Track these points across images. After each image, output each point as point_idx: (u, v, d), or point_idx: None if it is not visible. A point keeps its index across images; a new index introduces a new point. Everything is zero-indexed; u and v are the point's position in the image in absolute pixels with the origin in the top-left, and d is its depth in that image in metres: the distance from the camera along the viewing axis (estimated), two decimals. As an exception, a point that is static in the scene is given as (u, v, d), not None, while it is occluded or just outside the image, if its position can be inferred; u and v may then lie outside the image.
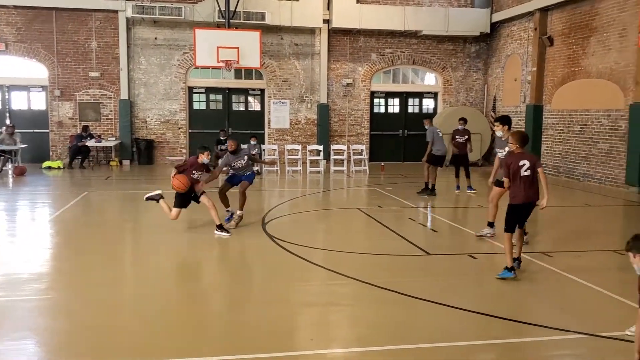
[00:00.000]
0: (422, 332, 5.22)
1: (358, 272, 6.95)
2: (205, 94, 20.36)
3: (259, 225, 9.83)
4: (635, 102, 14.07)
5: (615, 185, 14.89)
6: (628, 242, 4.34)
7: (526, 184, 6.65)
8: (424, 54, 21.21)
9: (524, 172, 6.64)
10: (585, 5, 16.10)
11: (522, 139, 6.81)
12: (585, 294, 6.40)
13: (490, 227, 9.07)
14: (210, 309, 5.96)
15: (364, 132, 21.14)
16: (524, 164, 6.64)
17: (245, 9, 18.63)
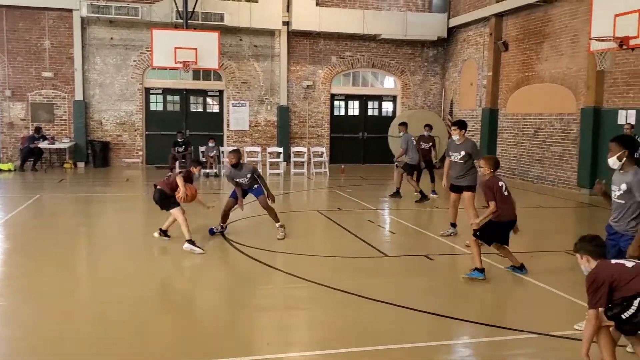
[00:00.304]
0: (378, 334, 5.25)
1: (317, 275, 6.94)
2: (162, 95, 20.08)
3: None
4: (586, 106, 14.50)
5: (568, 187, 15.31)
6: (575, 243, 4.47)
7: (509, 202, 7.03)
8: (383, 58, 21.41)
9: (505, 192, 7.01)
10: (538, 12, 16.52)
11: (496, 164, 7.29)
12: (537, 294, 6.55)
13: (453, 227, 9.35)
14: (165, 314, 5.86)
15: (324, 134, 21.19)
16: (502, 184, 7.02)
17: (203, 10, 18.46)
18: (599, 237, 4.56)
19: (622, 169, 5.31)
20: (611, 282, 4.08)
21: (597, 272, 4.21)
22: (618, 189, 5.29)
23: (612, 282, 4.09)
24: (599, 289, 4.09)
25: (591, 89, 14.30)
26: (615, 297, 4.08)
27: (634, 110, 13.16)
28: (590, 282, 4.17)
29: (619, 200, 5.31)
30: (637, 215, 5.20)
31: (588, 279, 4.22)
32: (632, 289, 4.01)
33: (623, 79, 13.61)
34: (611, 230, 5.41)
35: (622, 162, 5.26)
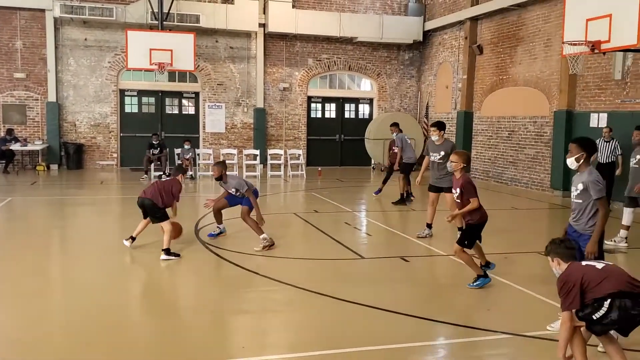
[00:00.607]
0: (355, 336, 5.26)
1: (293, 278, 6.93)
2: (137, 96, 19.88)
3: (192, 232, 9.65)
4: (559, 110, 14.72)
5: (541, 189, 15.52)
6: (546, 247, 4.54)
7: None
8: (360, 60, 21.49)
9: None
10: (512, 16, 16.74)
11: (468, 159, 6.89)
12: (510, 294, 6.62)
13: (429, 228, 9.40)
14: (139, 318, 5.80)
15: (301, 136, 21.19)
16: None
17: (179, 11, 18.33)
18: (569, 239, 4.64)
19: (578, 170, 5.49)
20: (582, 284, 4.14)
21: (568, 274, 4.27)
22: (575, 189, 5.49)
23: (582, 283, 4.14)
24: (570, 291, 4.15)
25: (564, 92, 14.53)
26: (586, 298, 4.14)
27: (605, 113, 13.40)
28: (562, 285, 4.23)
29: (577, 200, 5.50)
30: (594, 214, 5.36)
31: (559, 282, 4.28)
32: (603, 290, 4.08)
33: (595, 82, 13.86)
34: (571, 230, 5.57)
35: (579, 163, 5.43)
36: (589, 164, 5.47)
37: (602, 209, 5.33)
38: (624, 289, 4.06)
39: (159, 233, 9.14)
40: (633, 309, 4.03)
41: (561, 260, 4.41)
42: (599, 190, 5.30)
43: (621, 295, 4.04)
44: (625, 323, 4.10)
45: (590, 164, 5.50)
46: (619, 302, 4.03)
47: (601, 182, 5.35)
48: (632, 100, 12.81)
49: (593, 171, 5.41)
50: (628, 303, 4.03)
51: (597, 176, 5.37)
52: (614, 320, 4.05)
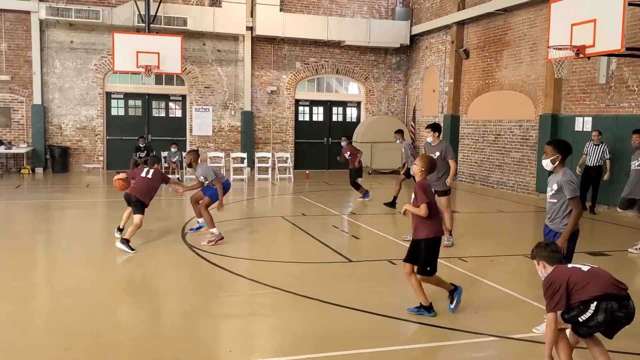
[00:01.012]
0: (342, 340, 5.25)
1: (280, 282, 6.92)
2: (124, 99, 19.77)
3: (178, 234, 9.61)
4: (544, 113, 14.84)
5: (527, 192, 15.63)
6: (532, 250, 4.59)
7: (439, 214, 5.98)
8: (347, 64, 21.54)
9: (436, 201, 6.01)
10: (498, 20, 16.86)
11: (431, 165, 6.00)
12: (497, 297, 6.66)
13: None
14: (125, 322, 5.76)
15: (289, 139, 21.18)
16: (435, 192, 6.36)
17: (166, 14, 18.26)
18: (554, 243, 4.70)
19: (553, 171, 5.62)
20: (568, 286, 4.18)
21: (554, 276, 4.30)
22: (550, 189, 5.59)
23: (568, 285, 4.18)
24: (556, 293, 4.18)
25: (549, 96, 14.65)
26: (572, 300, 4.17)
27: (590, 117, 13.53)
28: (547, 287, 4.27)
29: (551, 199, 5.61)
30: (568, 213, 5.46)
31: (545, 284, 4.31)
32: (589, 292, 4.11)
33: (580, 86, 13.99)
34: (546, 230, 5.69)
35: (555, 165, 5.55)
36: (563, 165, 5.57)
37: (575, 208, 5.42)
38: (609, 292, 4.11)
39: (146, 236, 9.12)
40: (619, 311, 4.07)
41: (547, 264, 4.45)
42: (573, 190, 5.40)
43: (607, 297, 4.08)
44: (611, 325, 4.14)
45: (565, 165, 5.60)
46: (605, 305, 4.06)
47: (575, 182, 5.45)
48: (616, 104, 12.95)
49: (567, 171, 5.52)
50: (614, 305, 4.07)
51: (571, 176, 5.48)
52: (600, 322, 4.09)
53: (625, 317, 4.11)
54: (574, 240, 5.52)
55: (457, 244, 9.28)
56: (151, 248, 8.74)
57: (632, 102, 12.54)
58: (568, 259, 5.32)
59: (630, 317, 4.14)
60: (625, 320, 4.15)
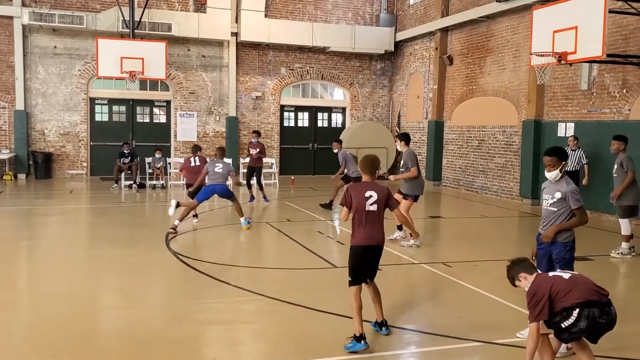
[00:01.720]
0: (326, 346, 5.25)
1: (265, 288, 6.90)
2: (108, 105, 19.65)
3: (161, 241, 9.55)
4: (527, 119, 14.98)
5: (511, 197, 15.75)
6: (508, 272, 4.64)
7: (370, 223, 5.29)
8: (332, 70, 21.60)
9: (369, 207, 5.27)
10: (481, 27, 17.02)
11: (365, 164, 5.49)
12: (481, 302, 6.69)
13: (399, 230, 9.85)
14: (109, 329, 5.71)
15: (274, 145, 21.16)
16: (369, 195, 5.27)
17: (150, 20, 18.21)
18: (523, 257, 4.74)
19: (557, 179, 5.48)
20: (551, 294, 4.22)
21: (537, 285, 4.34)
22: (551, 197, 5.42)
23: (552, 293, 4.22)
24: (539, 302, 4.22)
25: (532, 102, 14.80)
26: (555, 307, 4.21)
27: (573, 122, 13.68)
28: (532, 296, 4.30)
29: (551, 208, 5.44)
30: None
31: (529, 294, 4.34)
32: (571, 299, 4.16)
33: (562, 92, 14.15)
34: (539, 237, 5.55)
35: (562, 173, 5.40)
36: (565, 173, 5.48)
37: (581, 216, 5.32)
38: (591, 298, 4.15)
39: (130, 243, 9.08)
40: (600, 317, 4.12)
41: (527, 274, 4.49)
42: (578, 200, 5.28)
43: (589, 304, 4.13)
44: (593, 331, 4.18)
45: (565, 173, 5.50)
46: (587, 312, 4.11)
47: (578, 191, 5.37)
48: (597, 110, 13.11)
49: (569, 180, 5.40)
50: (595, 312, 4.12)
51: (575, 186, 5.39)
52: (583, 329, 4.13)
53: (607, 323, 4.16)
54: (573, 249, 5.41)
55: (442, 250, 9.33)
56: (135, 255, 8.68)
57: (613, 108, 12.71)
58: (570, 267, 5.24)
59: (612, 323, 4.19)
60: (607, 327, 4.19)
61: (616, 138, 9.56)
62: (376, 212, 5.27)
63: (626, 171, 9.08)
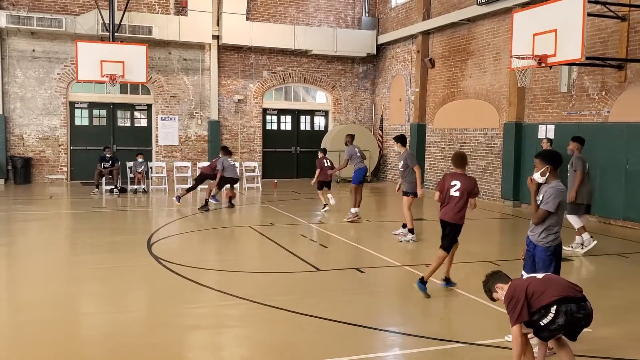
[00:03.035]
0: (309, 349, 5.23)
1: (248, 292, 6.86)
2: (88, 109, 19.45)
3: (144, 246, 9.45)
4: (508, 121, 15.10)
5: (493, 199, 15.85)
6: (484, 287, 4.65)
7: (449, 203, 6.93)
8: (315, 73, 21.60)
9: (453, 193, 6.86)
10: (462, 30, 17.13)
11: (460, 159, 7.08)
12: (463, 303, 6.71)
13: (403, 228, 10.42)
14: (91, 335, 5.63)
15: (257, 148, 21.10)
16: (454, 184, 6.84)
17: (131, 23, 18.07)
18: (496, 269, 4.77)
19: (546, 182, 5.44)
20: (527, 295, 4.28)
21: (513, 290, 4.39)
22: (539, 200, 5.41)
23: (528, 294, 4.28)
24: (517, 305, 4.27)
25: (513, 105, 14.92)
26: (533, 307, 4.26)
27: (553, 125, 13.81)
28: (509, 300, 4.35)
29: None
30: (548, 226, 5.27)
31: (506, 299, 4.38)
32: (548, 297, 4.22)
33: (542, 95, 14.29)
34: (528, 241, 5.54)
35: (545, 176, 5.36)
36: (556, 176, 5.36)
37: (538, 218, 5.27)
38: (567, 295, 4.22)
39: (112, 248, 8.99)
40: (577, 312, 4.19)
41: (502, 284, 4.51)
42: (547, 203, 5.21)
43: (565, 300, 4.20)
44: (571, 327, 4.24)
45: (557, 177, 5.39)
46: (564, 308, 4.18)
47: (556, 196, 5.20)
48: (577, 112, 13.26)
49: (555, 184, 5.28)
50: (573, 307, 4.19)
51: (557, 190, 5.22)
52: (561, 325, 4.18)
53: (584, 318, 4.23)
54: (558, 252, 5.35)
55: (423, 252, 9.35)
56: (117, 260, 8.59)
57: (592, 110, 12.86)
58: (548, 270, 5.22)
59: (589, 318, 4.26)
60: (585, 322, 4.26)
61: (573, 139, 9.78)
62: (457, 198, 6.79)
63: (575, 170, 9.33)
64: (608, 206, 12.33)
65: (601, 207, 12.45)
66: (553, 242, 5.28)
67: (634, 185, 11.73)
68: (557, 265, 5.31)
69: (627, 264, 8.89)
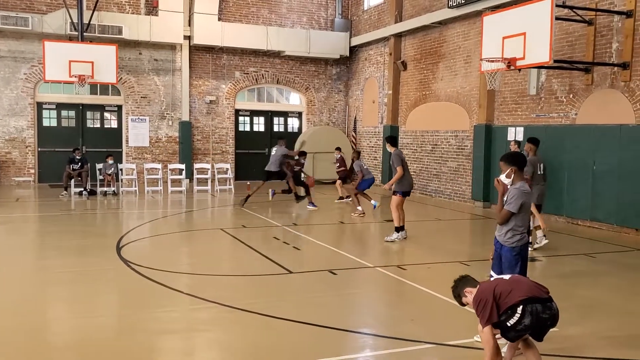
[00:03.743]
0: (281, 353, 5.20)
1: (219, 296, 6.80)
2: (56, 110, 19.10)
3: (113, 249, 9.31)
4: (478, 124, 15.27)
5: (463, 200, 16.02)
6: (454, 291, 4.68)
7: None
8: (288, 74, 21.56)
9: None
10: (434, 33, 17.28)
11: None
12: (434, 304, 6.75)
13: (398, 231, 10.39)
14: (59, 341, 5.51)
15: (229, 150, 20.97)
16: None
17: (100, 22, 17.81)
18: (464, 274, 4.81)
19: (513, 183, 5.53)
20: (495, 296, 4.33)
21: (481, 292, 4.44)
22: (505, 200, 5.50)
23: (495, 295, 4.33)
24: (486, 306, 4.32)
25: (483, 107, 15.10)
26: (500, 308, 4.32)
27: (522, 127, 14.01)
28: (478, 303, 4.39)
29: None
30: (514, 226, 5.32)
31: (475, 302, 4.43)
32: (514, 297, 4.28)
33: (512, 97, 14.48)
34: (495, 241, 5.60)
35: (511, 178, 5.42)
36: (521, 177, 5.42)
37: (502, 217, 5.30)
38: (533, 295, 4.28)
39: (81, 252, 8.84)
40: (543, 312, 4.25)
41: (471, 288, 4.56)
42: (510, 203, 5.26)
43: (531, 300, 4.25)
44: (537, 328, 4.29)
45: (524, 178, 5.46)
46: (530, 307, 4.23)
47: (519, 196, 5.25)
48: (545, 114, 13.47)
49: (519, 185, 5.32)
50: (539, 307, 4.24)
51: (520, 191, 5.28)
52: (528, 325, 4.23)
53: (549, 318, 4.28)
54: (525, 252, 5.40)
55: (396, 253, 9.39)
56: (85, 264, 8.44)
57: (560, 112, 13.07)
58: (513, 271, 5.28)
59: (555, 318, 4.32)
60: (550, 322, 4.31)
61: (528, 141, 10.05)
62: None
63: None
64: (575, 207, 12.55)
65: (568, 208, 12.67)
66: (519, 242, 5.35)
67: (601, 186, 11.96)
68: (523, 265, 5.38)
69: (594, 263, 9.05)
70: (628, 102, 11.50)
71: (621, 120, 11.61)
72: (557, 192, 12.84)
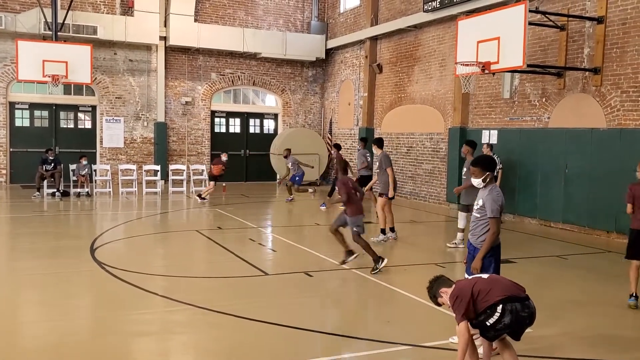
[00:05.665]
0: (257, 355, 5.21)
1: (194, 298, 6.78)
2: (29, 110, 18.80)
3: (86, 251, 9.20)
4: (453, 126, 15.44)
5: (438, 202, 16.17)
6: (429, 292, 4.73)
7: None
8: (264, 76, 21.53)
9: None
10: (409, 36, 17.42)
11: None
12: (410, 306, 6.82)
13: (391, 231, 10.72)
14: (32, 344, 5.44)
15: (205, 151, 20.85)
16: None
17: (75, 22, 17.58)
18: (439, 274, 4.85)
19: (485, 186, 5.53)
20: (473, 294, 4.36)
21: (458, 289, 4.49)
22: (476, 204, 5.54)
23: (473, 293, 4.37)
24: (462, 301, 4.36)
25: (457, 110, 15.26)
26: (479, 308, 4.35)
27: (496, 130, 14.20)
28: (455, 299, 4.43)
29: (475, 214, 5.54)
30: (488, 230, 5.38)
31: (451, 298, 4.47)
32: (493, 297, 4.32)
33: (486, 101, 14.67)
34: (469, 244, 5.66)
35: (486, 183, 5.45)
36: (493, 181, 5.49)
37: (492, 227, 5.33)
38: (512, 294, 4.34)
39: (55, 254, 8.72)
40: (522, 311, 4.31)
41: (446, 288, 4.60)
42: (494, 210, 5.30)
43: (511, 299, 4.31)
44: (516, 326, 4.35)
45: (494, 181, 5.52)
46: (510, 306, 4.28)
47: (499, 201, 5.33)
48: (519, 118, 13.67)
49: (495, 189, 5.40)
50: (518, 306, 4.30)
51: (497, 195, 5.35)
52: (507, 324, 4.29)
53: (528, 317, 4.34)
54: (497, 253, 5.46)
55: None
56: (59, 266, 8.33)
57: (533, 116, 13.29)
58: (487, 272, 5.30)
59: (532, 316, 4.38)
60: (529, 321, 4.38)
61: (466, 143, 10.31)
62: None
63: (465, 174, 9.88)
64: (548, 209, 12.75)
65: (542, 210, 12.88)
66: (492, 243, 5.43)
67: (573, 189, 12.17)
68: (496, 267, 5.45)
69: (566, 265, 9.21)
70: (599, 107, 11.73)
71: (592, 124, 11.84)
72: (530, 194, 13.04)
